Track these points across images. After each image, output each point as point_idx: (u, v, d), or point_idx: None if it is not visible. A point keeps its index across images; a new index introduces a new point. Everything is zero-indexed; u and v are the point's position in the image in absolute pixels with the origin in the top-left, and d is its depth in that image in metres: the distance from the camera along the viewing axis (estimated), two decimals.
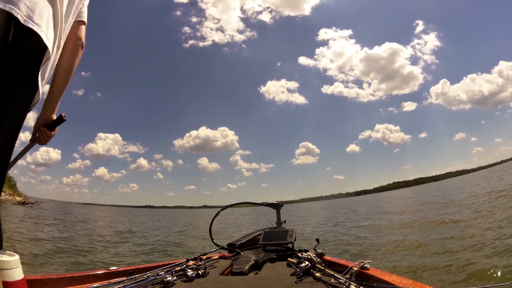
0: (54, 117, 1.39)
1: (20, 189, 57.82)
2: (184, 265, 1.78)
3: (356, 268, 1.52)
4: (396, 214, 15.90)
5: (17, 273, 1.07)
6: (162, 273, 1.66)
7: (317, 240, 2.09)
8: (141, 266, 1.91)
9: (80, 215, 29.36)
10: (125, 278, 1.63)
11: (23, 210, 26.31)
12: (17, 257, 1.09)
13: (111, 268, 1.81)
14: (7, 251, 1.12)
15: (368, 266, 1.56)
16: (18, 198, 42.23)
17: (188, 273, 1.63)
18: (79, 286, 1.58)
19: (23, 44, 1.01)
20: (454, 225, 8.86)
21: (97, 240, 10.93)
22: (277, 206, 2.71)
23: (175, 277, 1.59)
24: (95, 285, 1.54)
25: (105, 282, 1.61)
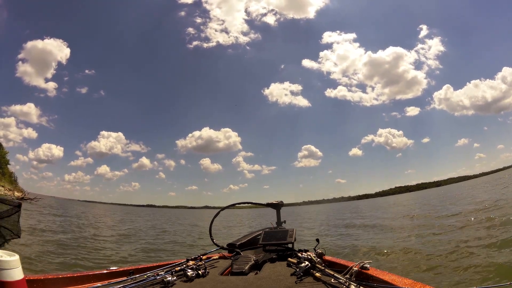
0: None
1: (21, 185, 57.95)
2: (184, 265, 1.78)
3: (356, 268, 1.52)
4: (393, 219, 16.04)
5: (17, 273, 1.07)
6: (162, 273, 1.66)
7: (317, 240, 2.09)
8: (141, 266, 1.91)
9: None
10: (125, 278, 1.63)
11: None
12: (17, 257, 1.09)
13: (111, 268, 1.81)
14: (7, 251, 1.12)
15: (368, 266, 1.56)
16: (17, 194, 42.09)
17: (188, 273, 1.63)
18: (79, 286, 1.59)
19: None
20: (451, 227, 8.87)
21: None
22: (277, 206, 2.70)
23: (175, 277, 1.59)
24: (95, 285, 1.54)
25: (105, 282, 1.61)
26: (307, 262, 1.63)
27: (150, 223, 23.26)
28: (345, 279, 1.41)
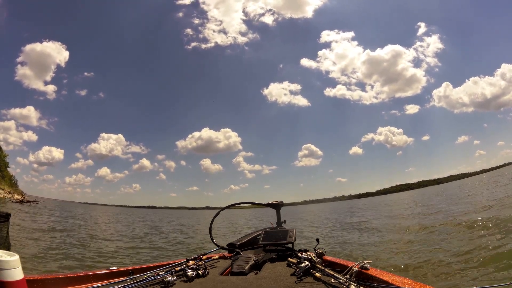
0: None
1: (22, 188, 57.35)
2: (184, 265, 1.78)
3: (356, 268, 1.52)
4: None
5: (17, 273, 1.07)
6: (162, 273, 1.66)
7: (317, 240, 2.09)
8: (141, 266, 1.91)
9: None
10: (125, 278, 1.63)
11: (17, 208, 26.01)
12: (17, 257, 1.09)
13: (111, 268, 1.81)
14: (7, 251, 1.12)
15: (368, 266, 1.56)
16: (17, 197, 41.92)
17: (188, 273, 1.63)
18: (79, 286, 1.59)
19: None
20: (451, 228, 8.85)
21: None
22: (277, 206, 2.70)
23: (175, 277, 1.59)
24: (95, 285, 1.54)
25: (105, 282, 1.61)
26: (307, 262, 1.63)
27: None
28: (345, 279, 1.41)
